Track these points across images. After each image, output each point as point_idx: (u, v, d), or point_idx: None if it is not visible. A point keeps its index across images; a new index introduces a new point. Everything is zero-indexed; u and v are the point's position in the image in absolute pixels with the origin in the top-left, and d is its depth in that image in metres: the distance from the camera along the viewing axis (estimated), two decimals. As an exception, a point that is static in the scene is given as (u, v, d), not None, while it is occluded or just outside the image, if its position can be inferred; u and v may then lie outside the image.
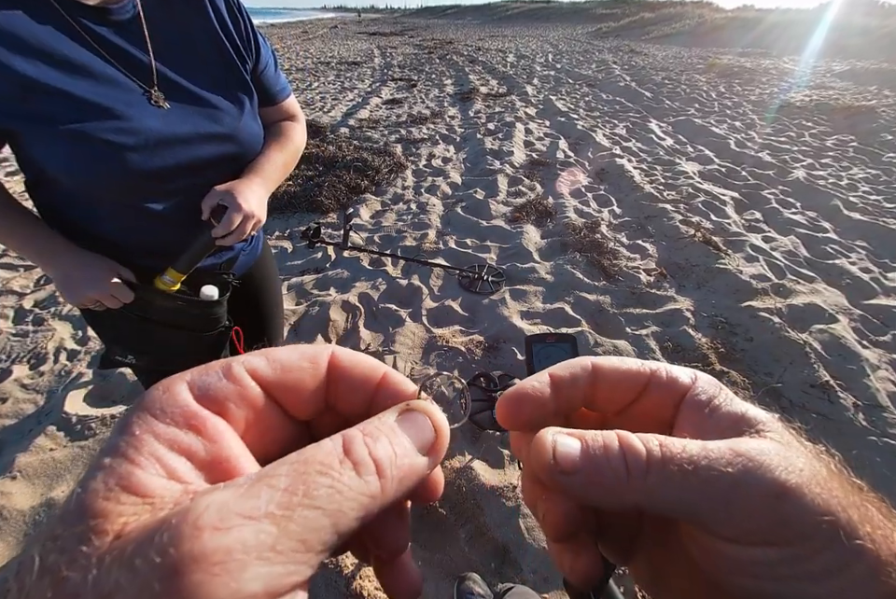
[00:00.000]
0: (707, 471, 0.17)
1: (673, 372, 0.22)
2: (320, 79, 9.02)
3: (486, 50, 13.93)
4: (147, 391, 0.17)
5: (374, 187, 3.88)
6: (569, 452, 0.19)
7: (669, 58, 12.16)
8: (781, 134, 5.20)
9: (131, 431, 0.15)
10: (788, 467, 0.17)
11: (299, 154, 1.05)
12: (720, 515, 0.17)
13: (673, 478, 0.17)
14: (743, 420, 0.20)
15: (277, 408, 0.19)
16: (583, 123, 5.61)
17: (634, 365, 0.23)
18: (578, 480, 0.18)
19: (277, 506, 0.13)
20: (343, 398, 0.21)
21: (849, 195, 3.60)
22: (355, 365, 0.21)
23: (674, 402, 0.22)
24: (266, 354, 0.19)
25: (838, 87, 7.89)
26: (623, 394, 0.23)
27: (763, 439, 0.19)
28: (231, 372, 0.18)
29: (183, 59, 0.80)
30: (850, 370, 1.93)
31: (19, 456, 1.58)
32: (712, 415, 0.21)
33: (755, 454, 0.18)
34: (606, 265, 2.73)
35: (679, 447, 0.18)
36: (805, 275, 2.62)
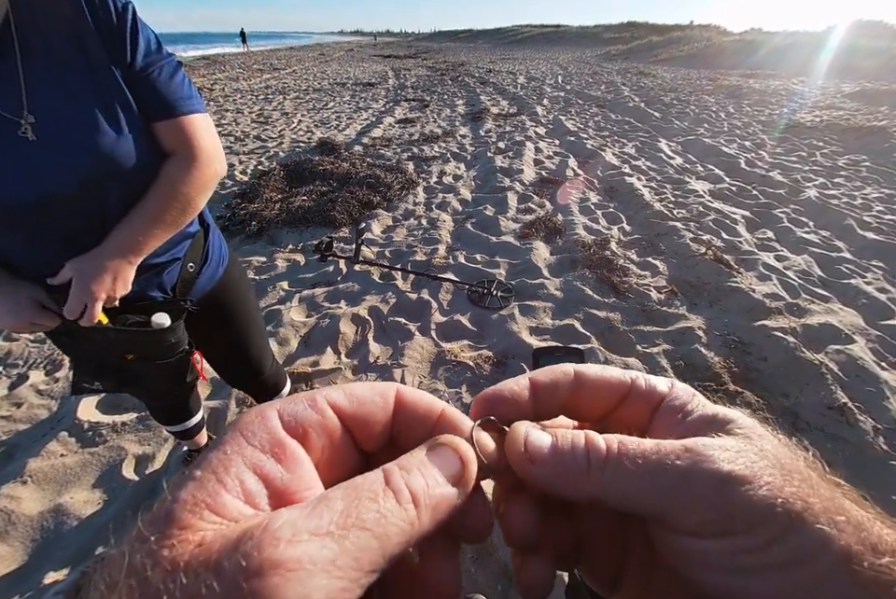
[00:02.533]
0: (656, 464, 0.18)
1: (651, 381, 0.23)
2: (336, 99, 9.27)
3: (497, 72, 14.24)
4: (245, 413, 0.19)
5: (386, 202, 3.93)
6: (540, 445, 0.20)
7: (678, 79, 12.33)
8: (792, 154, 5.20)
9: (223, 449, 0.17)
10: (738, 458, 0.18)
11: (187, 205, 0.85)
12: (670, 506, 0.18)
13: (626, 471, 0.18)
14: (714, 421, 0.21)
15: (349, 438, 0.21)
16: (593, 142, 5.67)
17: (616, 374, 0.24)
18: (544, 471, 0.20)
19: (336, 526, 0.15)
20: (405, 433, 0.22)
21: (863, 214, 3.57)
22: (417, 401, 0.22)
23: (651, 410, 0.23)
24: (344, 388, 0.21)
25: (848, 107, 7.92)
26: (604, 402, 0.23)
27: (724, 437, 0.20)
28: (316, 403, 0.20)
29: (56, 73, 0.71)
30: (869, 393, 1.88)
31: (30, 461, 1.59)
32: (685, 419, 0.21)
33: (704, 449, 0.18)
34: (616, 282, 2.71)
35: (634, 444, 0.19)
36: (820, 295, 2.59)
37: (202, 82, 12.32)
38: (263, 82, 12.18)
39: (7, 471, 1.59)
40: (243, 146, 5.65)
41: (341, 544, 0.14)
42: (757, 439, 0.20)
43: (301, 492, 0.18)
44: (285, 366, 2.13)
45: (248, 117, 7.54)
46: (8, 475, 1.56)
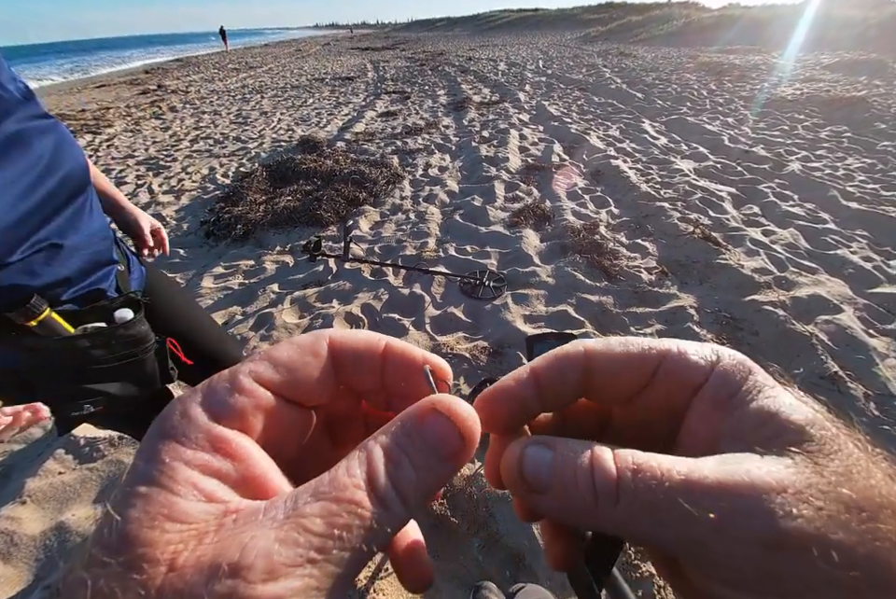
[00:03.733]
0: (683, 510, 0.14)
1: (688, 354, 0.19)
2: (315, 95, 9.16)
3: (477, 60, 14.10)
4: (163, 416, 0.17)
5: (373, 198, 3.91)
6: (539, 467, 0.17)
7: (659, 59, 12.26)
8: (774, 128, 5.21)
9: (160, 459, 0.15)
10: (795, 508, 0.14)
11: None
12: (700, 559, 0.15)
13: (645, 510, 0.15)
14: (772, 422, 0.16)
15: (291, 405, 0.19)
16: (577, 127, 5.65)
17: (638, 348, 0.20)
18: (548, 501, 0.17)
19: (317, 551, 0.14)
20: (353, 378, 0.21)
21: (846, 185, 3.60)
22: (354, 344, 0.20)
23: (689, 392, 0.19)
24: (268, 357, 0.19)
25: (828, 79, 7.92)
26: (626, 383, 0.20)
27: (783, 459, 0.15)
28: (241, 385, 0.18)
29: None
30: (859, 360, 1.92)
31: (28, 481, 1.58)
32: (733, 413, 0.17)
33: (750, 490, 0.14)
34: (607, 265, 2.73)
35: (657, 472, 0.15)
36: (807, 267, 2.61)
37: (176, 84, 12.12)
38: (239, 82, 11.99)
39: (6, 493, 1.58)
40: (223, 148, 5.58)
41: (323, 568, 0.13)
42: (823, 461, 0.15)
43: (262, 477, 0.17)
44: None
45: (226, 118, 7.43)
46: (7, 496, 1.56)
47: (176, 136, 6.43)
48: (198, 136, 6.34)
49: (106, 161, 5.51)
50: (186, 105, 8.86)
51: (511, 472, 0.18)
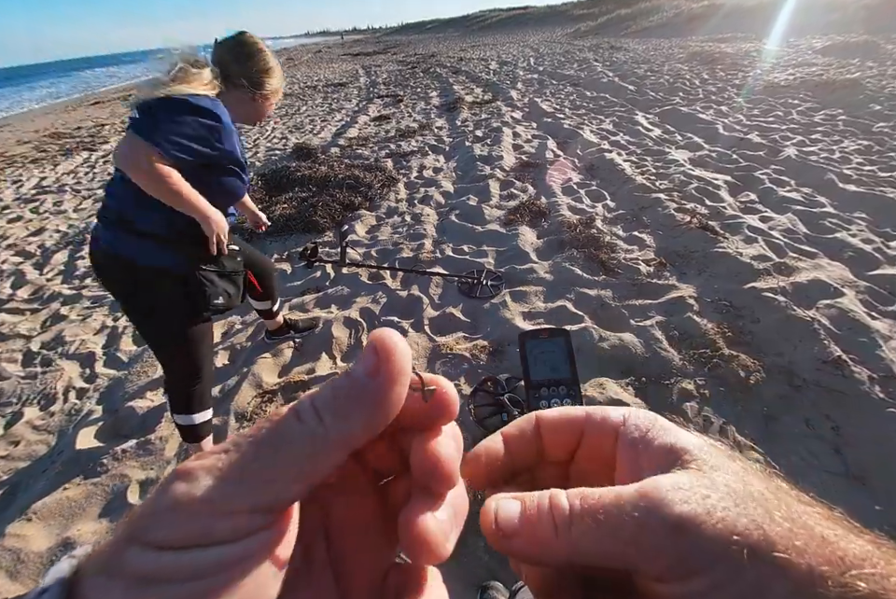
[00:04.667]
0: (616, 518, 0.18)
1: (606, 412, 0.23)
2: (308, 103, 9.20)
3: (469, 60, 14.12)
4: None
5: (368, 202, 3.92)
6: (510, 517, 0.20)
7: (650, 50, 12.23)
8: (769, 115, 5.18)
9: None
10: (689, 498, 0.17)
11: None
12: (635, 557, 0.17)
13: (592, 528, 0.18)
14: (672, 451, 0.20)
15: None
16: (570, 122, 5.64)
17: (570, 411, 0.24)
18: (518, 544, 0.19)
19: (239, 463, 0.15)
20: None
21: (843, 168, 3.56)
22: None
23: (612, 440, 0.23)
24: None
25: (821, 63, 7.86)
26: (564, 440, 0.24)
27: (680, 472, 0.19)
28: None
29: None
30: (862, 343, 1.89)
31: (33, 498, 1.59)
32: (646, 450, 0.21)
33: (657, 493, 0.18)
34: (604, 259, 2.71)
35: (596, 498, 0.19)
36: (806, 252, 2.59)
37: (172, 99, 12.20)
38: (233, 93, 12.06)
39: (11, 510, 1.60)
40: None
41: (231, 455, 0.15)
42: (709, 471, 0.19)
43: None
44: (280, 376, 2.14)
45: (222, 129, 7.48)
46: (12, 514, 1.57)
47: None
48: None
49: (104, 178, 5.56)
50: (181, 118, 8.91)
51: (488, 523, 0.20)
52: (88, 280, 3.21)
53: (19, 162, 6.81)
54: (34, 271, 3.43)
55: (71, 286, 3.15)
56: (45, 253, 3.72)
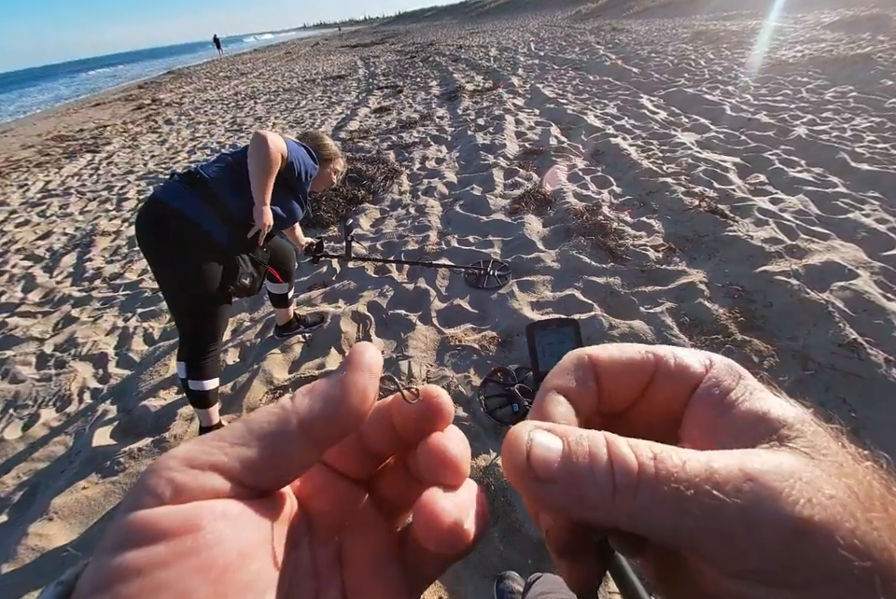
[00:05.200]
0: (709, 498, 0.14)
1: (683, 359, 0.19)
2: (307, 97, 9.14)
3: (468, 48, 13.91)
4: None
5: (372, 195, 3.90)
6: (547, 456, 0.16)
7: (653, 31, 11.96)
8: (777, 93, 5.06)
9: None
10: (813, 496, 0.14)
11: None
12: (723, 551, 0.14)
13: (668, 501, 0.14)
14: (764, 420, 0.17)
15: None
16: (573, 107, 5.55)
17: (634, 353, 0.20)
18: (554, 492, 0.15)
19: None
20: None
21: (855, 146, 3.47)
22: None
23: (685, 394, 0.19)
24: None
25: (830, 38, 7.65)
26: (626, 389, 0.20)
27: (784, 452, 0.16)
28: None
29: None
30: (878, 325, 1.86)
31: (53, 498, 1.62)
32: (727, 413, 0.18)
33: (770, 478, 0.14)
34: (612, 246, 2.68)
35: (678, 463, 0.15)
36: (819, 233, 2.54)
37: (170, 97, 12.19)
38: (232, 89, 12.02)
39: (33, 510, 1.62)
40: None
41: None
42: (821, 458, 0.15)
43: None
44: (290, 373, 2.15)
45: (222, 126, 7.46)
46: (34, 514, 1.60)
47: (174, 149, 6.48)
48: (195, 147, 6.38)
49: (108, 179, 5.58)
50: (181, 117, 8.91)
51: (515, 458, 0.16)
52: (97, 282, 3.23)
53: (24, 167, 6.85)
54: (43, 274, 3.46)
55: (81, 289, 3.18)
56: (53, 256, 3.75)
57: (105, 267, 3.43)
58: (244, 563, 0.15)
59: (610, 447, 0.15)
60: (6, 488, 1.72)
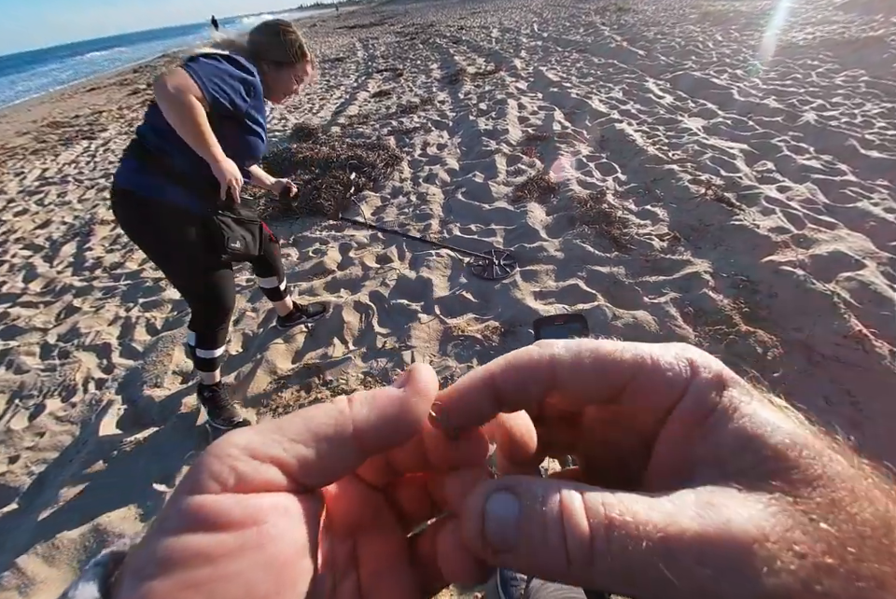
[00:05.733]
0: (663, 571, 0.13)
1: (662, 369, 0.17)
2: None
3: (469, 29, 13.57)
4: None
5: (372, 183, 3.85)
6: (504, 524, 0.15)
7: (660, 11, 11.65)
8: (786, 78, 4.94)
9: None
10: (779, 561, 0.12)
11: None
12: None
13: (622, 573, 0.13)
14: (750, 448, 0.15)
15: None
16: (577, 91, 5.44)
17: (610, 358, 0.18)
18: (511, 561, 0.15)
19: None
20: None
21: (865, 133, 3.41)
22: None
23: (663, 411, 0.17)
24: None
25: (842, 20, 7.45)
26: (594, 391, 0.18)
27: (761, 497, 0.14)
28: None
29: None
30: (884, 317, 1.85)
31: (63, 486, 1.64)
32: (709, 437, 0.16)
33: (733, 544, 0.13)
34: (616, 235, 2.66)
35: (633, 527, 0.13)
36: (826, 222, 2.51)
37: (168, 81, 11.95)
38: (230, 72, 11.77)
39: (42, 499, 1.64)
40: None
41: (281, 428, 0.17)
42: (809, 492, 0.14)
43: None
44: (293, 362, 2.15)
45: (220, 111, 7.34)
46: (44, 502, 1.62)
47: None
48: (193, 132, 6.29)
49: (105, 166, 5.52)
50: (178, 101, 8.75)
51: (472, 529, 0.16)
52: (98, 271, 3.22)
53: (20, 154, 6.76)
54: (44, 263, 3.45)
55: (82, 278, 3.17)
56: (53, 245, 3.73)
57: (105, 256, 3.41)
58: (298, 559, 0.15)
59: (564, 512, 0.14)
60: (14, 477, 1.74)
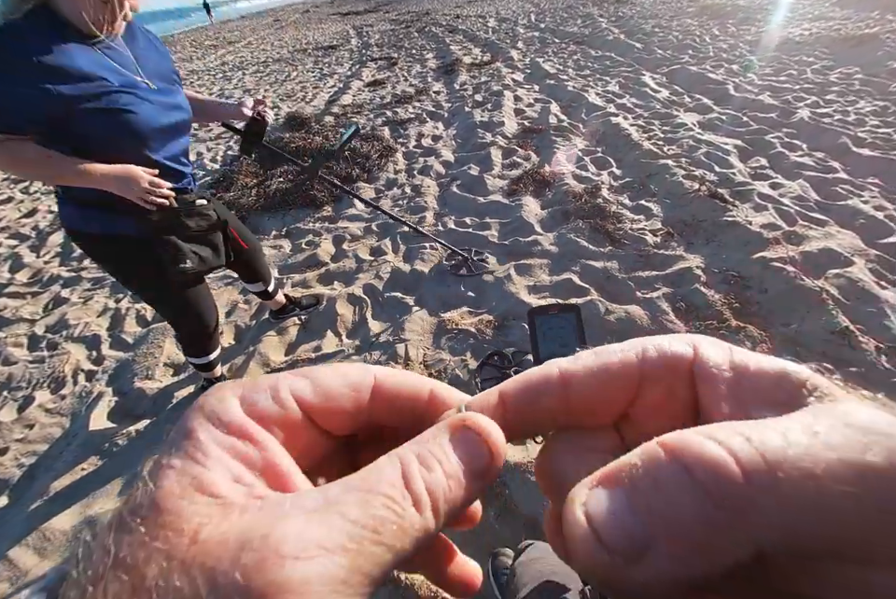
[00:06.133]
0: (829, 481, 0.11)
1: (666, 348, 0.17)
2: (298, 68, 8.82)
3: (465, 18, 13.39)
4: (204, 397, 0.17)
5: (366, 174, 3.81)
6: (621, 520, 0.12)
7: (657, 4, 11.56)
8: (781, 74, 4.95)
9: (195, 436, 0.16)
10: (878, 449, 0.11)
11: None
12: (861, 544, 0.11)
13: (793, 502, 0.11)
14: (786, 380, 0.15)
15: (314, 427, 0.19)
16: (574, 84, 5.41)
17: (615, 355, 0.18)
18: (654, 565, 0.11)
19: (349, 539, 0.13)
20: (388, 418, 0.20)
21: (857, 131, 3.43)
22: (400, 388, 0.20)
23: (684, 382, 0.17)
24: (312, 377, 0.19)
25: (838, 16, 7.45)
26: (615, 397, 0.18)
27: (842, 404, 0.13)
28: (279, 396, 0.18)
29: (151, 63, 1.23)
30: (870, 313, 1.88)
31: (53, 479, 1.63)
32: (741, 381, 0.16)
33: (872, 438, 0.11)
34: (610, 230, 2.66)
35: (778, 446, 0.12)
36: (817, 219, 2.53)
37: (157, 66, 11.70)
38: (219, 59, 11.56)
39: (32, 492, 1.64)
40: (208, 131, 5.42)
41: (353, 560, 0.12)
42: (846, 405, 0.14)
43: (285, 473, 0.17)
44: (286, 355, 2.15)
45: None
46: (35, 494, 1.61)
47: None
48: (183, 119, 6.17)
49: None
50: (167, 87, 8.58)
51: (586, 548, 0.12)
52: (86, 261, 3.17)
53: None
54: (30, 253, 3.39)
55: (69, 268, 3.12)
56: (40, 235, 3.66)
57: (94, 245, 3.36)
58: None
59: (689, 461, 0.12)
60: (4, 469, 1.73)
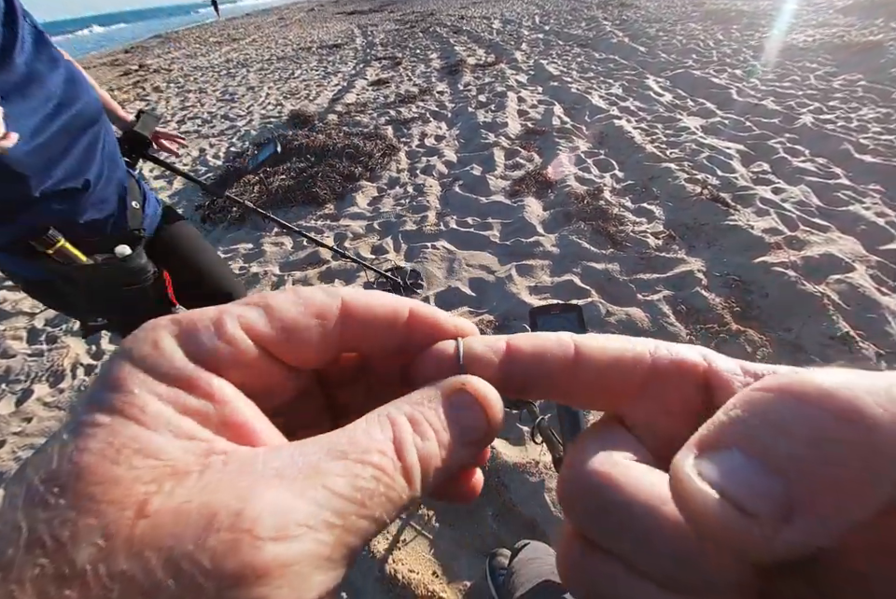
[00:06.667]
0: None
1: (678, 352, 0.16)
2: (302, 66, 8.82)
3: (470, 19, 13.40)
4: (132, 341, 0.14)
5: (369, 173, 3.81)
6: (755, 485, 0.10)
7: (662, 8, 11.58)
8: (785, 79, 4.96)
9: (126, 389, 0.13)
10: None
11: None
12: None
13: None
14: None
15: (276, 362, 0.16)
16: (577, 86, 5.41)
17: (629, 345, 0.17)
18: (802, 526, 0.09)
19: (335, 514, 0.12)
20: (363, 346, 0.18)
21: (860, 137, 3.44)
22: (373, 311, 0.17)
23: (696, 389, 0.16)
24: (265, 305, 0.16)
25: (842, 23, 7.47)
26: (620, 383, 0.16)
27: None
28: (225, 330, 0.15)
29: None
30: (871, 319, 1.88)
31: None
32: None
33: None
34: (612, 232, 2.67)
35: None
36: (819, 225, 2.54)
37: (158, 63, 11.71)
38: (223, 56, 11.55)
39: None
40: (211, 128, 5.42)
41: (339, 537, 0.11)
42: None
43: (248, 424, 0.14)
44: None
45: (213, 95, 7.21)
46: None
47: (163, 118, 6.25)
48: (185, 117, 6.17)
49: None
50: (170, 84, 8.58)
51: (726, 521, 0.10)
52: (87, 254, 3.17)
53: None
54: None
55: (70, 260, 3.11)
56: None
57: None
58: None
59: (806, 393, 0.10)
60: (1, 462, 1.72)
